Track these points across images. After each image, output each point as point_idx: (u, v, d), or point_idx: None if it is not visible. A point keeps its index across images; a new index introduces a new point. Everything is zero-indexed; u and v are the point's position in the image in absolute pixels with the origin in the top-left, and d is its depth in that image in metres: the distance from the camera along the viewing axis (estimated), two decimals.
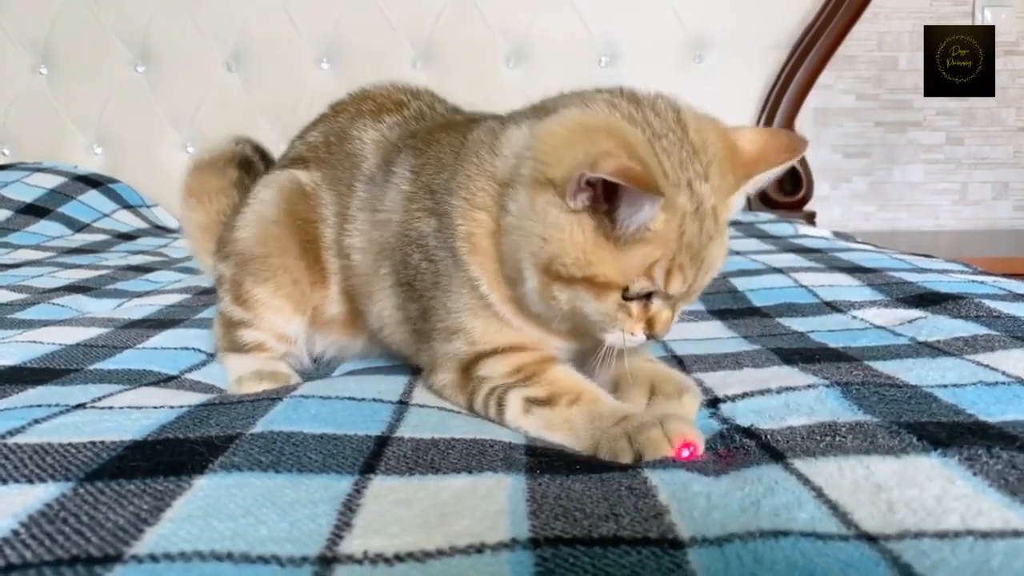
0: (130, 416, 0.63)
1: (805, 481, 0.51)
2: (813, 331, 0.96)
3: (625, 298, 0.63)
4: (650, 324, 0.65)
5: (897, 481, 0.49)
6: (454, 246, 0.71)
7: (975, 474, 0.49)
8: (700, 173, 0.61)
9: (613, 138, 0.59)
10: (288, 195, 0.89)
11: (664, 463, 0.56)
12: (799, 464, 0.54)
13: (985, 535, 0.42)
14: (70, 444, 0.55)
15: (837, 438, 0.57)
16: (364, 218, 0.83)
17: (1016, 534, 0.42)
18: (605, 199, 0.59)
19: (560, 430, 0.64)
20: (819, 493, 0.49)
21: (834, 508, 0.47)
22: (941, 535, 0.42)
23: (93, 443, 0.55)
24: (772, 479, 0.51)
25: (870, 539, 0.43)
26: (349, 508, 0.47)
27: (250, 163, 1.15)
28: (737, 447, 0.60)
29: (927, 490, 0.47)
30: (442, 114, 0.91)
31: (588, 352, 0.74)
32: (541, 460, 0.57)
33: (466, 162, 0.72)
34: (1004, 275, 1.21)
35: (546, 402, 0.65)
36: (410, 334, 0.80)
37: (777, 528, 0.44)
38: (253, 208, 0.90)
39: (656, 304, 0.64)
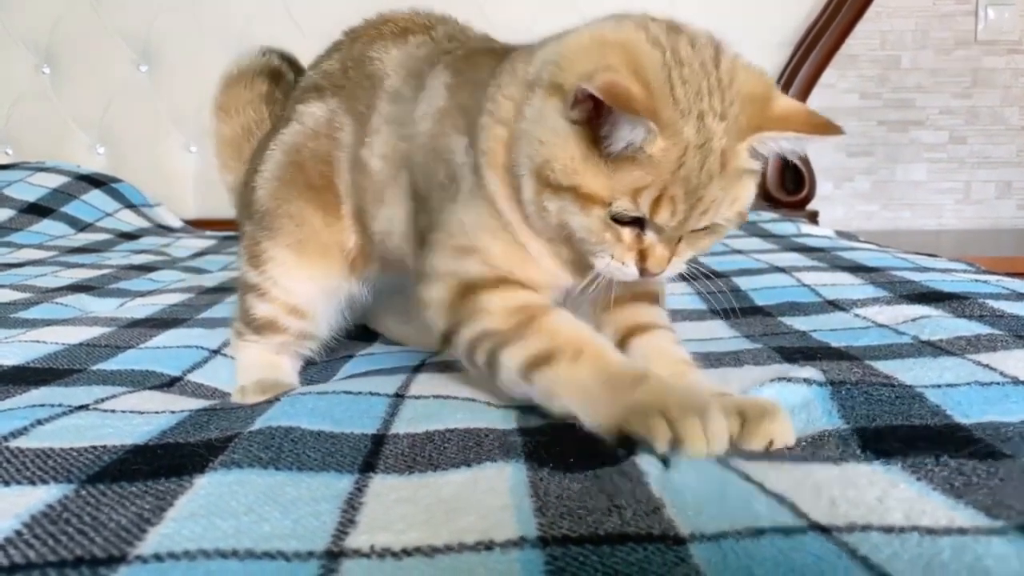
0: (132, 422, 0.64)
1: (746, 478, 0.51)
2: (815, 330, 0.96)
3: (614, 219, 0.61)
4: (643, 258, 0.62)
5: (838, 483, 0.50)
6: (479, 162, 0.69)
7: (919, 479, 0.50)
8: (717, 110, 0.59)
9: (623, 55, 0.59)
10: (293, 144, 0.87)
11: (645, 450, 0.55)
12: (735, 463, 0.54)
13: (930, 531, 0.43)
14: (71, 448, 0.55)
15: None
16: (389, 131, 0.81)
17: (961, 531, 0.42)
18: (603, 112, 0.58)
19: (567, 393, 0.58)
20: (761, 487, 0.49)
21: (781, 499, 0.47)
22: (887, 529, 0.43)
23: (94, 447, 0.56)
24: (722, 476, 0.52)
25: (823, 530, 0.43)
26: (352, 506, 0.47)
27: (279, 74, 1.12)
28: None
29: (867, 492, 0.48)
30: (477, 38, 0.88)
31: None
32: (538, 441, 0.57)
33: (501, 76, 0.71)
34: (1007, 275, 1.20)
35: (546, 359, 0.60)
36: (413, 245, 0.78)
37: (750, 523, 0.45)
38: (268, 167, 0.89)
39: (650, 236, 0.62)
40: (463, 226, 0.70)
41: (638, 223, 0.62)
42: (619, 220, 0.61)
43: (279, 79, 1.12)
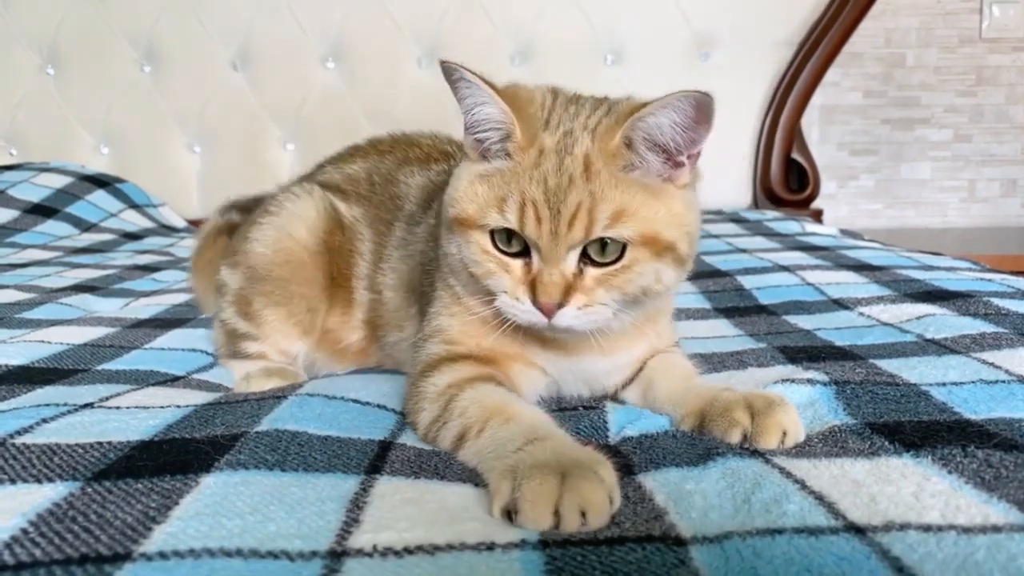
0: (136, 416, 0.64)
1: (787, 474, 0.52)
2: (819, 328, 0.96)
3: (500, 250, 0.62)
4: (534, 289, 0.61)
5: (875, 479, 0.50)
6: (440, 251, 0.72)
7: (950, 472, 0.50)
8: (590, 126, 0.63)
9: (513, 86, 0.67)
10: (326, 222, 0.88)
11: (655, 462, 0.56)
12: (779, 460, 0.55)
13: (967, 530, 0.43)
14: (77, 445, 0.55)
15: (807, 446, 0.58)
16: (397, 256, 0.85)
17: (996, 529, 0.43)
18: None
19: (479, 468, 0.55)
20: (803, 485, 0.50)
21: (820, 498, 0.48)
22: (925, 528, 0.43)
23: (100, 443, 0.56)
24: (756, 473, 0.52)
25: (858, 531, 0.44)
26: (357, 506, 0.47)
27: (234, 227, 1.16)
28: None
29: (903, 487, 0.49)
30: None
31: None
32: None
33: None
34: (1012, 273, 1.21)
35: (461, 439, 0.59)
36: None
37: (770, 524, 0.45)
38: (276, 223, 0.89)
39: (536, 263, 0.61)
40: (428, 317, 0.73)
41: (526, 254, 0.62)
42: (505, 251, 0.63)
43: (233, 230, 1.15)
